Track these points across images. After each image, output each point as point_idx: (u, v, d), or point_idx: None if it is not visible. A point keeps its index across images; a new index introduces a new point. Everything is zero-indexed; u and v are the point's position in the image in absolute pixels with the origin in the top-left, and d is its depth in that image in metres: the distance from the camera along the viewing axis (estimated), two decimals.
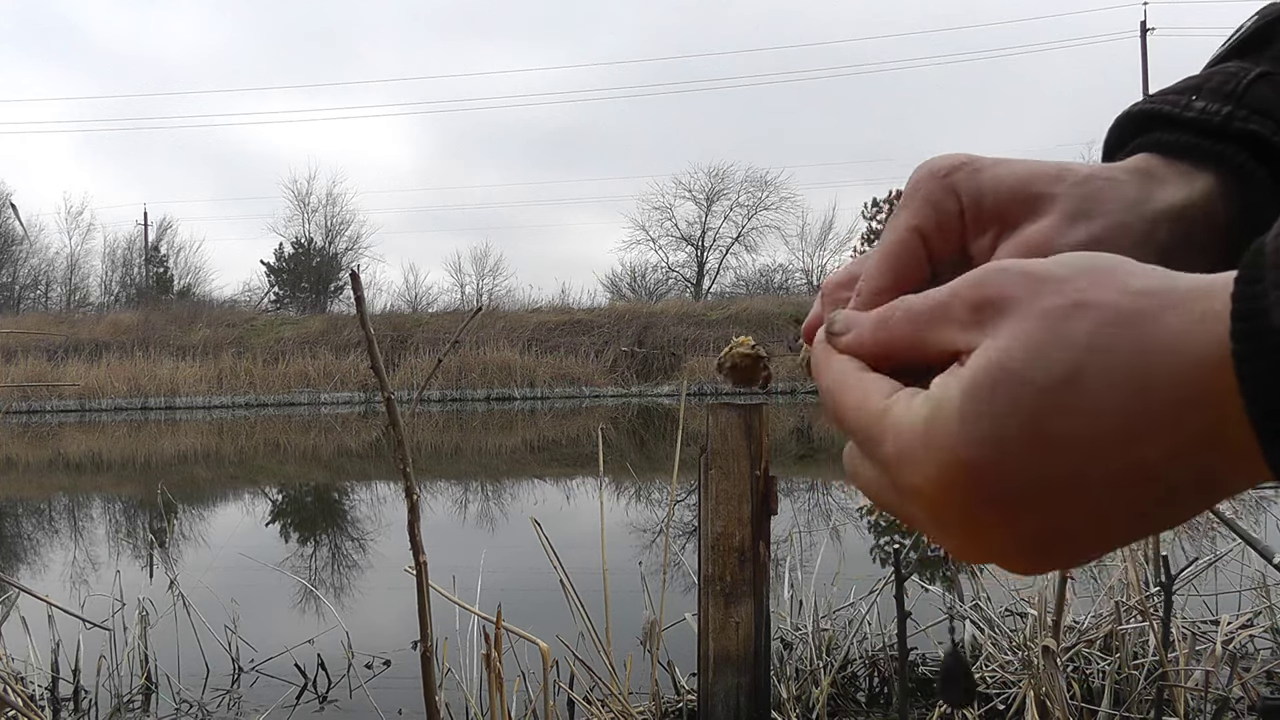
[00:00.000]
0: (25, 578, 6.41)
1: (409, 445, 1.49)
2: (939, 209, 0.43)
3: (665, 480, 8.74)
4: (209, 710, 3.73)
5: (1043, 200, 0.43)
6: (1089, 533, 0.33)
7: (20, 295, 42.35)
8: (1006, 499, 0.32)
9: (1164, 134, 0.44)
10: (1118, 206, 0.42)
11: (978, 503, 0.33)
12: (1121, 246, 0.41)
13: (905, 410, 0.34)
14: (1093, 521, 0.33)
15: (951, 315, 0.35)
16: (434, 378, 23.10)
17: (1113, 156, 0.47)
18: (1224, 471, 0.31)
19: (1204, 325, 0.30)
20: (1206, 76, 0.45)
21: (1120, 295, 0.32)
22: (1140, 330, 0.31)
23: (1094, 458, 0.31)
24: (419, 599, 1.54)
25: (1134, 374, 0.31)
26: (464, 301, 39.82)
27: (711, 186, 42.06)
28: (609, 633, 2.91)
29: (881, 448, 0.35)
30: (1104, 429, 0.31)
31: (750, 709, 2.62)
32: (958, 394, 0.33)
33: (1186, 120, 0.43)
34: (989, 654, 3.46)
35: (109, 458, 16.04)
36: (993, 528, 0.33)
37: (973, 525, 0.34)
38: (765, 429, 2.58)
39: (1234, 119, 0.43)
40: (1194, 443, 0.31)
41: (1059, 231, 0.42)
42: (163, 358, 27.45)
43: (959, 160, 0.44)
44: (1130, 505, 0.32)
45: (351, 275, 1.45)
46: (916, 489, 0.34)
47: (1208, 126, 0.43)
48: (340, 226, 42.88)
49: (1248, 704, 3.01)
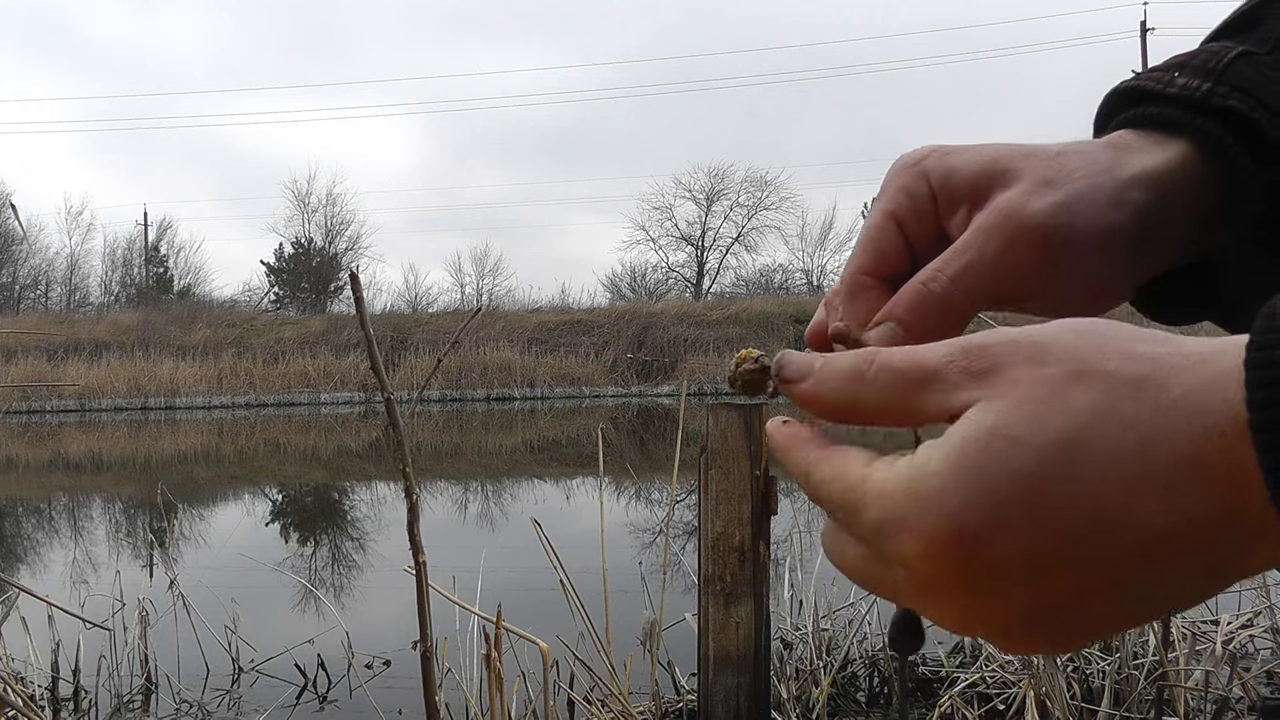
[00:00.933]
0: (25, 578, 6.41)
1: (409, 445, 1.49)
2: (912, 195, 0.44)
3: (665, 480, 8.73)
4: (209, 710, 3.73)
5: (1011, 173, 0.42)
6: (1087, 611, 0.31)
7: (20, 295, 42.34)
8: (999, 565, 0.30)
9: (1145, 109, 0.44)
10: (1088, 172, 0.42)
11: (969, 568, 0.31)
12: (1095, 206, 0.41)
13: (889, 474, 0.33)
14: (1091, 598, 0.31)
15: (944, 380, 0.33)
16: (434, 378, 23.10)
17: (1101, 132, 0.47)
18: (1238, 548, 0.30)
19: (1215, 392, 0.29)
20: (1192, 55, 0.45)
21: (1123, 362, 0.30)
22: (1146, 396, 0.29)
23: (1094, 527, 0.29)
24: (419, 599, 1.54)
25: (1140, 442, 0.29)
26: (464, 301, 39.85)
27: (711, 186, 42.06)
28: (609, 633, 2.91)
29: (863, 515, 0.33)
30: (1105, 498, 0.29)
31: (750, 709, 2.62)
32: (951, 454, 0.31)
33: (1169, 96, 0.44)
34: (989, 654, 3.46)
35: (109, 458, 16.04)
36: (986, 595, 0.31)
37: (964, 592, 0.32)
38: (765, 429, 2.58)
39: (1214, 95, 0.43)
40: (1205, 515, 0.29)
41: (1029, 196, 0.41)
42: (163, 358, 27.45)
43: (928, 149, 0.45)
44: (1133, 584, 0.30)
45: (351, 275, 1.45)
46: (903, 555, 0.32)
47: (1188, 101, 0.43)
48: (340, 227, 42.89)
49: (1248, 704, 3.01)
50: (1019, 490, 0.30)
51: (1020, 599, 0.31)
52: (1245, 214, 0.43)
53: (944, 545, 0.31)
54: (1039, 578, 0.31)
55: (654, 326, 28.30)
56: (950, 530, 0.31)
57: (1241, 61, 0.44)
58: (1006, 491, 0.30)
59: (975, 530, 0.30)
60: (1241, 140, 0.42)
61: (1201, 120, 0.43)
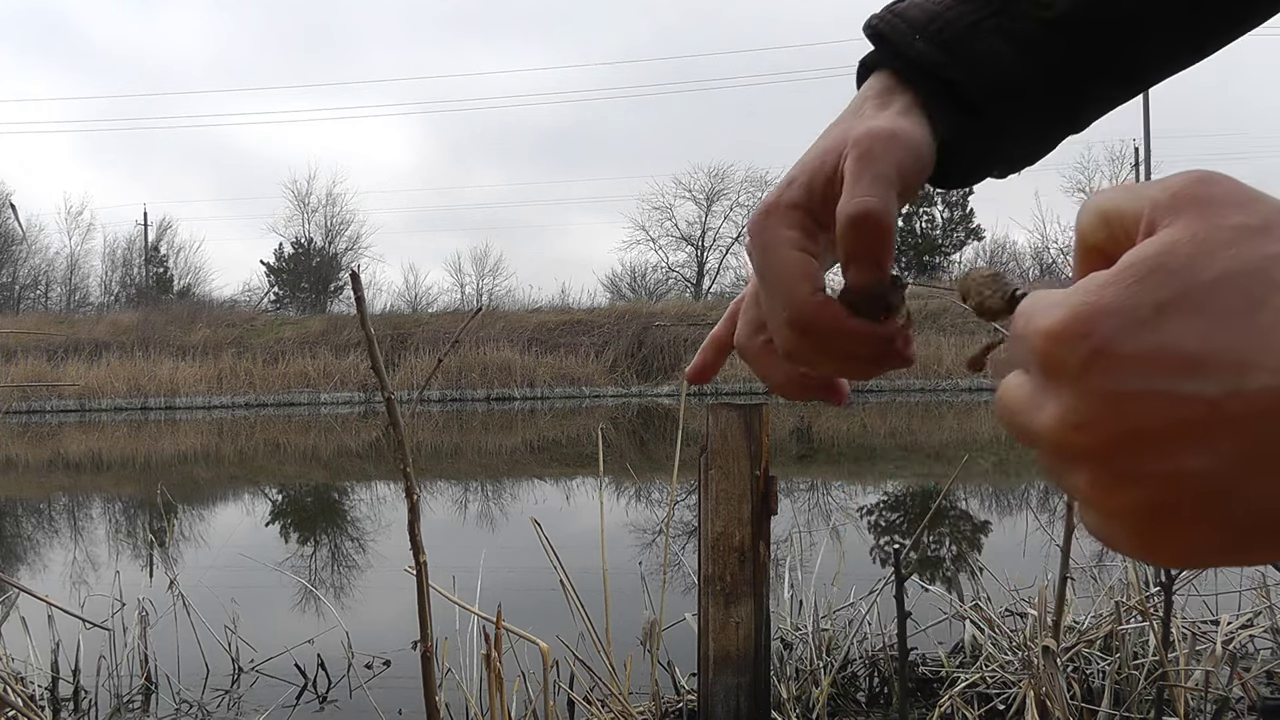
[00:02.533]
0: (25, 578, 6.41)
1: (409, 445, 1.49)
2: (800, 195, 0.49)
3: (665, 480, 8.74)
4: (209, 710, 3.73)
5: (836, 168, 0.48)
6: (1255, 487, 0.27)
7: (20, 295, 42.34)
8: (1144, 357, 0.27)
9: (892, 59, 0.51)
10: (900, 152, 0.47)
11: (1091, 343, 0.28)
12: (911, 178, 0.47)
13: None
14: (1262, 466, 0.27)
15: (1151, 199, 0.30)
16: (434, 378, 23.10)
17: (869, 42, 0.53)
18: None
19: None
20: (931, 17, 0.50)
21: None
22: None
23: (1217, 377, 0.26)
24: (419, 599, 1.54)
25: None
26: (464, 301, 39.85)
27: (711, 186, 42.07)
28: (609, 633, 2.91)
29: (1024, 318, 0.31)
30: (1244, 350, 0.26)
31: (750, 709, 2.62)
32: (1125, 258, 0.29)
33: (910, 58, 0.50)
34: (989, 654, 3.46)
35: (109, 458, 16.05)
36: (1121, 400, 0.28)
37: (1082, 373, 0.28)
38: (765, 429, 2.58)
39: (943, 67, 0.49)
40: None
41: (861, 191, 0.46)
42: (163, 358, 27.44)
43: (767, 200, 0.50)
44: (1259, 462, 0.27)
45: (351, 275, 1.45)
46: (1038, 329, 0.29)
47: (925, 67, 0.50)
48: (340, 226, 42.89)
49: (1248, 704, 3.01)
50: (1161, 297, 0.27)
51: (1162, 409, 0.27)
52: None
53: (1074, 320, 0.28)
54: (1148, 394, 0.27)
55: (654, 326, 28.29)
56: (1086, 306, 0.28)
57: (970, 33, 0.50)
58: (1176, 286, 0.27)
59: (1127, 308, 0.28)
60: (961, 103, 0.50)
61: (930, 86, 0.50)
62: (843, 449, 14.55)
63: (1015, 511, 8.47)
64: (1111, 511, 0.29)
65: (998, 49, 0.50)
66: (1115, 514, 0.29)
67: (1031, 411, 0.30)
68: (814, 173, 0.48)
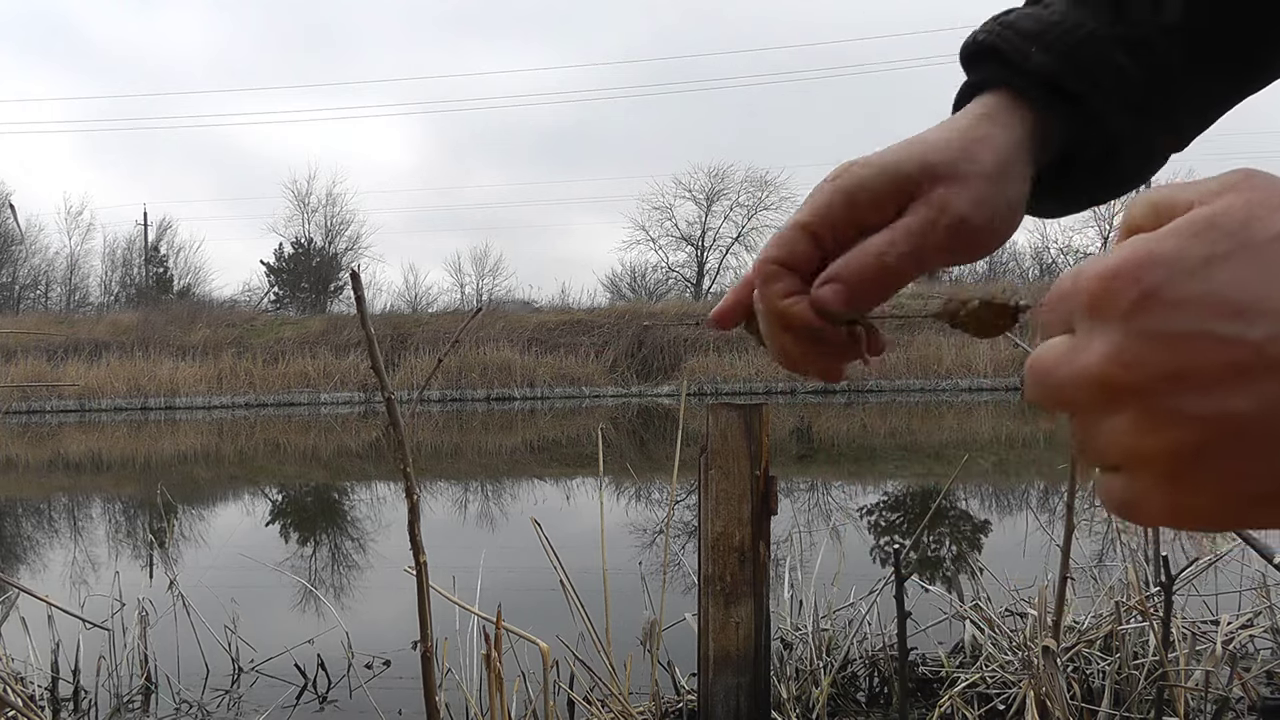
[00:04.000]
0: (25, 578, 6.41)
1: (409, 445, 1.49)
2: (826, 207, 0.49)
3: (665, 480, 8.74)
4: (209, 710, 3.73)
5: (938, 168, 0.48)
6: (1229, 439, 0.28)
7: (20, 295, 42.32)
8: (1170, 296, 0.28)
9: (1006, 74, 0.50)
10: (994, 158, 0.48)
11: (1142, 286, 0.29)
12: (1006, 187, 0.48)
13: None
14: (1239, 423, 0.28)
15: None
16: (434, 378, 23.10)
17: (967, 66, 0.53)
18: None
19: None
20: (1046, 26, 0.50)
21: None
22: None
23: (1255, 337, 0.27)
24: (419, 599, 1.54)
25: None
26: (464, 301, 39.83)
27: (711, 186, 42.02)
28: (609, 633, 2.91)
29: (1071, 276, 0.32)
30: None
31: (750, 709, 2.62)
32: (1176, 220, 0.30)
33: (1027, 70, 0.49)
34: (989, 654, 3.46)
35: (109, 458, 16.04)
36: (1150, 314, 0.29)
37: (1133, 312, 0.29)
38: (765, 429, 2.58)
39: (1066, 78, 0.49)
40: None
41: (955, 194, 0.47)
42: (163, 358, 27.43)
43: (842, 166, 0.50)
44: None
45: (352, 275, 1.45)
46: (1092, 273, 0.30)
47: (1042, 79, 0.49)
48: (340, 227, 42.86)
49: (1248, 704, 3.01)
50: (1208, 254, 0.28)
51: (1208, 349, 0.28)
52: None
53: (1122, 264, 0.30)
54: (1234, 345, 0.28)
55: (654, 326, 28.28)
56: (1134, 253, 0.29)
57: (1090, 43, 0.49)
58: (1227, 243, 0.28)
59: (1158, 261, 0.29)
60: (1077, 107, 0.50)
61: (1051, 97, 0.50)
62: (843, 449, 14.54)
63: (1015, 511, 8.47)
64: (1148, 458, 0.30)
65: (1119, 60, 0.49)
66: (1152, 460, 0.30)
67: (1074, 355, 0.31)
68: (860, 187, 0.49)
